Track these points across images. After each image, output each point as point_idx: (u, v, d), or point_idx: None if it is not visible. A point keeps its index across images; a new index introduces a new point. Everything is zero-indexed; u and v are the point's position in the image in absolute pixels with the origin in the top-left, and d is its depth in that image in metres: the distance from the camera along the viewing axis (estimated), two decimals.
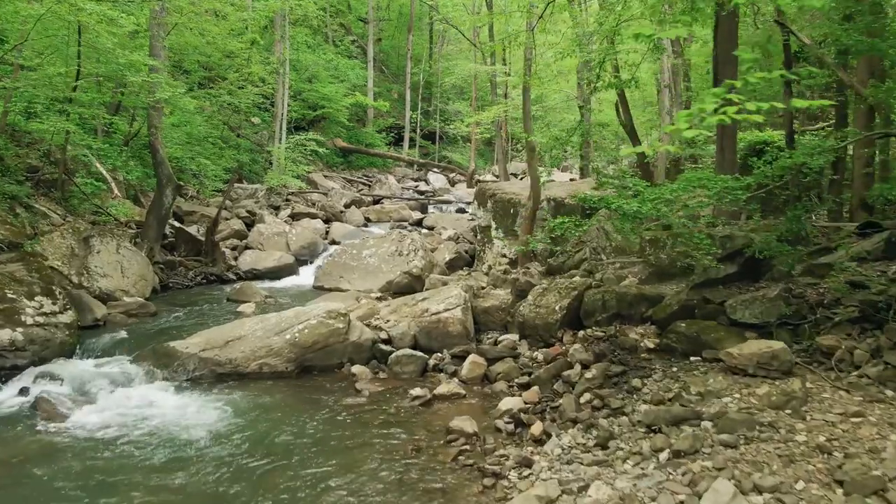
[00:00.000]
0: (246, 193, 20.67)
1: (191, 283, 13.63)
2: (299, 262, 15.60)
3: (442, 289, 9.45)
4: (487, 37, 23.76)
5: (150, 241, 13.21)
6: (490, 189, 13.94)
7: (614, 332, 7.70)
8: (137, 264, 12.00)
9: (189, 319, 10.43)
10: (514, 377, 7.35)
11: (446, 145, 36.52)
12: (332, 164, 29.40)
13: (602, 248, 10.69)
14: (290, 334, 8.11)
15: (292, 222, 17.93)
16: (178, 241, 14.49)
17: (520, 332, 8.54)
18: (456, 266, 14.19)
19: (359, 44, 36.61)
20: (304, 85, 28.62)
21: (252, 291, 11.81)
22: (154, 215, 13.34)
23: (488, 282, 11.43)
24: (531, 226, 12.01)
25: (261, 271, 14.80)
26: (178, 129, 20.36)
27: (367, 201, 22.79)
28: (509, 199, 13.28)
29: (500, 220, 13.37)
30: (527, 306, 8.48)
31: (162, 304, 11.49)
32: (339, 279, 13.14)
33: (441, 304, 8.80)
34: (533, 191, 11.81)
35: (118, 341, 9.09)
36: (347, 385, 7.73)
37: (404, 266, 12.73)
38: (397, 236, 13.46)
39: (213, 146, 22.21)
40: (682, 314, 7.30)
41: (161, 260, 13.48)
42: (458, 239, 15.29)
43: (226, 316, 10.67)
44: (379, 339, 8.56)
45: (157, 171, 13.32)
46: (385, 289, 12.53)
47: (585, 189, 13.77)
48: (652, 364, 6.63)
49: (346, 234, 17.43)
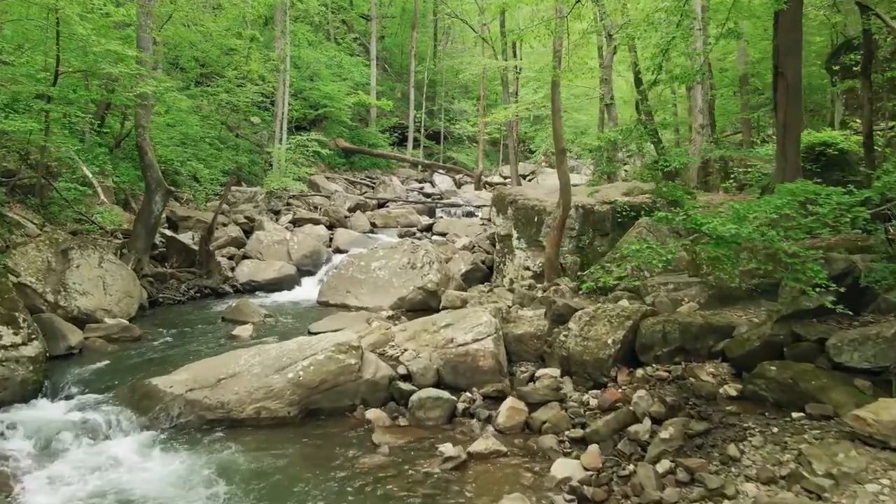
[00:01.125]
0: (244, 197, 19.29)
1: (183, 297, 12.27)
2: (301, 272, 14.27)
3: (468, 313, 8.10)
4: (497, 32, 22.46)
5: (137, 253, 11.86)
6: (510, 195, 12.59)
7: (681, 372, 6.35)
8: (122, 279, 10.64)
9: (178, 345, 9.07)
10: (563, 428, 6.00)
11: (451, 146, 35.15)
12: (334, 166, 28.05)
13: (646, 264, 9.33)
14: (294, 372, 6.76)
15: (293, 229, 16.57)
16: (169, 251, 13.13)
17: (562, 366, 7.20)
18: (472, 278, 12.84)
19: (361, 41, 35.22)
20: (306, 83, 27.26)
21: (250, 310, 10.45)
22: (142, 224, 11.98)
23: (514, 300, 10.10)
24: (559, 236, 10.69)
25: (260, 283, 13.46)
26: (172, 129, 19.03)
27: (372, 205, 21.43)
28: (533, 207, 11.93)
29: (523, 228, 12.02)
30: (571, 338, 7.13)
31: (149, 325, 10.14)
32: (345, 294, 11.79)
33: (469, 334, 7.45)
34: (562, 198, 10.47)
35: (93, 375, 7.74)
36: (362, 435, 6.38)
37: (418, 280, 11.38)
38: (409, 247, 12.11)
39: (211, 147, 20.88)
40: (767, 352, 5.96)
41: (150, 273, 12.12)
42: (473, 248, 13.95)
43: (219, 339, 9.32)
44: (397, 376, 7.21)
45: (146, 174, 11.96)
46: (397, 305, 11.19)
47: (615, 195, 12.45)
48: (742, 420, 5.29)
49: (352, 241, 16.07)
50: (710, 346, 6.66)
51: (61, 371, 7.80)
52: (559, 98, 10.28)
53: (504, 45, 19.78)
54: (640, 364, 6.83)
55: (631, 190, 12.42)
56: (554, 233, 10.64)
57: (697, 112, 13.66)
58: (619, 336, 6.79)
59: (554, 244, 10.64)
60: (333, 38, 33.35)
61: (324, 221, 17.12)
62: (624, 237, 9.85)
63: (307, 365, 6.80)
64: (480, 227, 17.68)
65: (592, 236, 11.71)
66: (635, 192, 12.39)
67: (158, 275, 12.40)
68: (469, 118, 32.99)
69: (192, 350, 8.73)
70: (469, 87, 36.36)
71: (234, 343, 9.09)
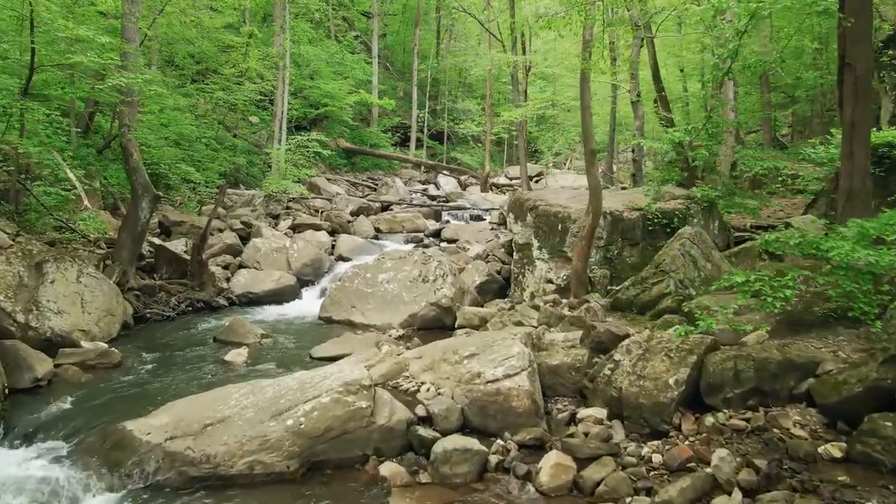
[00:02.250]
0: (242, 200, 18.12)
1: (173, 312, 11.11)
2: (302, 282, 13.11)
3: (494, 340, 6.92)
4: (506, 26, 21.29)
5: (122, 264, 10.68)
6: (530, 200, 11.42)
7: (763, 422, 5.19)
8: (103, 295, 9.46)
9: (162, 373, 7.89)
10: (623, 493, 4.83)
11: (454, 146, 33.94)
12: (335, 167, 26.87)
13: (691, 281, 8.18)
14: (293, 418, 5.59)
15: (293, 235, 15.39)
16: (158, 262, 11.96)
17: (609, 407, 6.04)
18: (487, 291, 11.68)
19: (362, 39, 34.01)
20: (306, 82, 26.09)
21: (244, 330, 9.28)
22: (128, 232, 10.80)
23: (540, 319, 8.93)
24: (589, 247, 9.52)
25: (257, 295, 12.30)
26: (166, 128, 17.85)
27: (376, 208, 20.24)
28: (555, 214, 10.77)
29: (544, 237, 10.86)
30: (622, 374, 5.97)
31: (132, 347, 8.97)
32: (350, 309, 10.62)
33: (498, 368, 6.29)
34: (592, 204, 9.31)
35: (60, 415, 6.58)
36: (376, 495, 5.23)
37: (430, 295, 10.22)
38: (420, 258, 10.94)
39: (207, 147, 19.69)
40: (872, 400, 4.82)
41: (136, 286, 10.94)
42: (487, 257, 12.78)
43: (209, 366, 8.15)
44: (415, 419, 6.04)
45: (132, 178, 10.78)
46: (407, 323, 10.03)
47: (643, 199, 11.29)
48: (862, 496, 4.13)
49: (355, 248, 14.90)
50: (792, 387, 5.51)
51: (23, 409, 6.65)
52: (589, 93, 9.11)
53: (514, 40, 18.60)
54: (707, 408, 5.67)
55: (662, 195, 11.26)
56: (582, 243, 9.48)
57: (729, 110, 12.51)
58: (682, 375, 5.63)
59: (582, 256, 9.48)
60: (334, 35, 32.13)
61: (325, 227, 15.94)
62: (664, 248, 8.69)
63: (309, 410, 5.63)
64: (492, 233, 16.52)
65: (621, 246, 10.56)
66: (666, 196, 11.24)
67: (146, 288, 11.22)
68: (473, 117, 31.81)
69: (177, 381, 7.56)
70: (473, 86, 35.18)
71: (226, 370, 7.94)
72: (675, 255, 8.24)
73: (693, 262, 8.29)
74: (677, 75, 21.47)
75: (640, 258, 10.61)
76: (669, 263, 8.23)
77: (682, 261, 8.19)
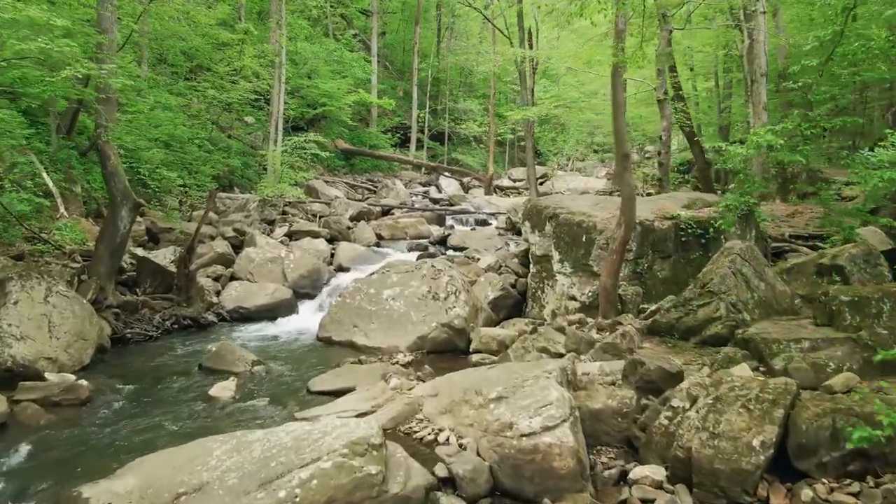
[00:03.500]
0: (235, 204, 16.93)
1: (157, 331, 9.98)
2: (299, 294, 11.99)
3: (525, 378, 5.79)
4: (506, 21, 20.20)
5: (99, 279, 9.54)
6: (549, 207, 10.30)
7: (882, 500, 4.08)
8: (74, 317, 8.31)
9: (134, 413, 6.74)
10: None
11: (455, 147, 32.78)
12: (333, 168, 25.70)
13: (744, 303, 7.06)
14: (287, 489, 4.46)
15: (289, 243, 14.25)
16: (141, 275, 10.81)
17: (669, 466, 4.92)
18: (502, 306, 10.55)
19: (361, 38, 32.84)
20: (303, 81, 24.91)
21: (233, 356, 8.13)
22: (106, 244, 9.66)
23: (566, 344, 7.83)
24: (619, 262, 8.41)
25: (250, 310, 11.18)
26: (156, 129, 16.70)
27: (376, 212, 19.08)
28: (579, 223, 9.64)
29: (566, 249, 9.74)
30: (691, 431, 4.84)
31: (105, 376, 7.85)
32: (352, 329, 9.49)
33: (535, 419, 5.16)
34: (624, 215, 8.19)
35: (7, 471, 5.45)
36: None
37: (441, 315, 9.09)
38: (429, 271, 9.80)
39: (200, 149, 18.53)
40: None
41: (115, 303, 9.80)
42: (500, 268, 11.65)
43: (191, 404, 7.00)
44: (436, 482, 4.92)
45: (109, 184, 9.64)
46: (416, 346, 8.91)
47: (674, 207, 10.18)
48: None
49: (356, 256, 13.77)
50: None
51: None
52: (622, 90, 7.99)
53: (522, 34, 17.47)
54: (797, 473, 4.55)
55: (693, 202, 10.17)
56: (612, 257, 8.37)
57: (762, 109, 11.40)
58: (769, 435, 4.50)
59: (612, 272, 8.37)
60: (332, 34, 30.95)
61: (323, 234, 14.79)
62: (710, 266, 7.57)
63: (307, 478, 4.49)
64: (500, 239, 15.41)
65: (652, 259, 9.45)
66: (698, 203, 10.14)
67: (127, 305, 10.07)
68: (475, 118, 30.66)
69: (152, 424, 6.42)
70: (474, 86, 34.03)
71: (211, 410, 6.79)
72: (724, 274, 7.13)
73: (745, 282, 7.18)
74: (685, 74, 20.39)
75: (671, 272, 9.52)
76: (719, 283, 7.11)
77: (734, 280, 7.08)
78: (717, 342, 7.04)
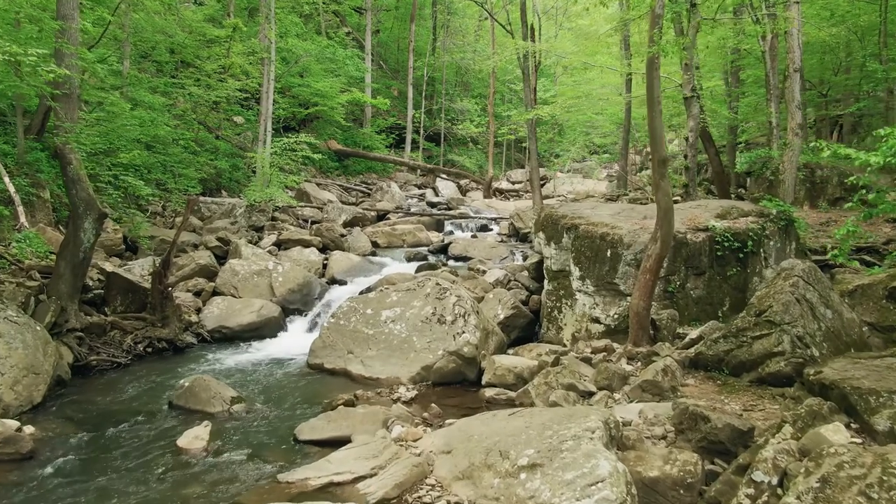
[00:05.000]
0: (221, 210, 15.71)
1: (127, 356, 8.79)
2: (287, 311, 10.84)
3: (564, 439, 4.62)
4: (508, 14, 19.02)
5: (60, 299, 8.31)
6: (566, 217, 9.12)
7: None
8: (25, 347, 7.08)
9: (83, 471, 5.52)
10: None
11: (452, 148, 31.55)
12: (326, 170, 24.48)
13: (811, 336, 5.90)
14: None
15: (278, 252, 13.03)
16: (110, 292, 9.57)
17: None
18: (513, 326, 9.39)
19: (354, 36, 31.55)
20: (295, 79, 23.65)
21: (209, 394, 6.91)
22: (67, 260, 8.42)
23: (596, 379, 6.66)
24: (654, 282, 7.25)
25: (233, 330, 10.01)
26: (139, 129, 15.42)
27: (371, 217, 17.88)
28: (602, 235, 8.47)
29: (588, 265, 8.56)
30: None
31: (57, 421, 6.63)
32: (346, 356, 8.29)
33: (584, 501, 3.98)
34: (662, 228, 7.03)
35: None
36: None
37: (449, 341, 7.89)
38: (433, 289, 8.59)
39: (185, 150, 17.27)
40: None
41: (79, 325, 8.56)
42: (509, 283, 10.47)
43: (154, 459, 5.77)
44: None
45: (70, 193, 8.40)
46: (420, 377, 7.72)
47: (706, 216, 9.03)
48: None
49: (351, 268, 12.56)
50: None
51: None
52: (658, 84, 6.81)
53: (525, 30, 16.29)
54: None
55: (728, 211, 9.02)
56: (646, 276, 7.20)
57: (795, 108, 10.27)
58: None
59: (645, 292, 7.20)
60: (324, 31, 29.66)
61: (315, 243, 13.56)
62: (766, 289, 6.40)
63: None
64: (504, 246, 14.24)
65: (684, 276, 8.30)
66: (734, 212, 9.00)
67: (93, 327, 8.84)
68: (472, 118, 29.45)
69: (102, 488, 5.20)
70: (471, 85, 32.82)
71: (177, 468, 5.57)
72: (788, 302, 5.97)
73: (811, 310, 6.03)
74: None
75: (706, 291, 8.39)
76: (781, 313, 5.95)
77: (799, 309, 5.91)
78: (778, 381, 5.90)
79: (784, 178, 10.30)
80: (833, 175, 12.08)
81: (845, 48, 18.06)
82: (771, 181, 12.67)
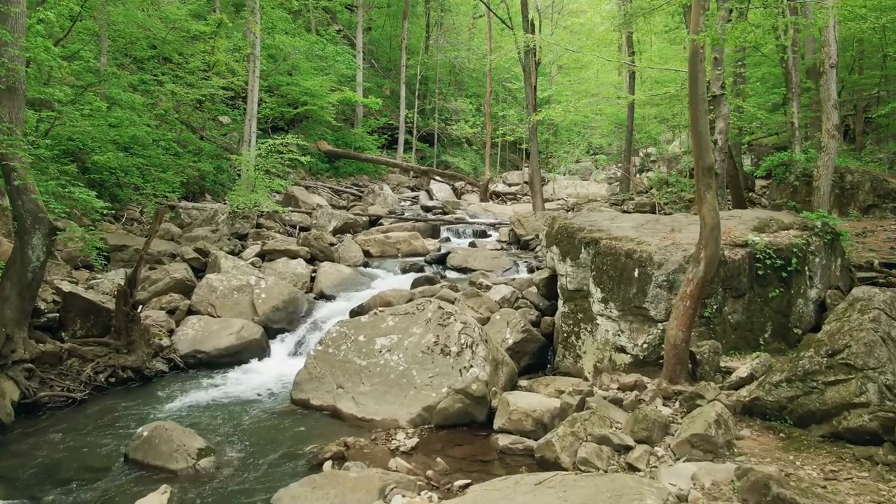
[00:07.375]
0: (202, 216, 14.48)
1: (85, 389, 7.64)
2: (271, 331, 9.67)
3: None
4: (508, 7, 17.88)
5: (6, 326, 7.10)
6: (583, 230, 7.99)
7: None
8: None
9: None
10: None
11: (445, 149, 30.35)
12: (315, 172, 23.23)
13: None
14: None
15: (262, 264, 11.82)
16: (67, 315, 8.34)
17: None
18: (524, 352, 8.25)
19: (345, 33, 30.30)
20: (283, 77, 22.40)
21: (171, 447, 5.71)
22: (13, 281, 7.20)
23: (634, 432, 5.51)
24: (695, 308, 6.12)
25: (210, 355, 8.85)
26: (115, 129, 14.20)
27: (363, 223, 16.69)
28: (628, 252, 7.33)
29: (612, 286, 7.42)
30: None
31: None
32: (335, 391, 7.11)
33: None
34: (706, 248, 5.92)
35: None
36: None
37: (455, 376, 6.73)
38: (434, 314, 7.43)
39: (166, 152, 16.03)
40: None
41: (29, 355, 7.34)
42: (516, 301, 9.32)
43: None
44: None
45: (15, 205, 7.18)
46: (422, 420, 6.55)
47: (741, 230, 7.91)
48: None
49: (341, 281, 11.37)
50: None
51: None
52: (703, 79, 5.69)
53: (526, 25, 15.17)
54: None
55: (766, 223, 7.91)
56: (685, 303, 6.08)
57: (831, 107, 9.18)
58: None
59: (685, 322, 6.08)
60: (314, 29, 28.40)
61: (302, 253, 12.35)
62: (839, 323, 5.28)
63: None
64: (507, 256, 13.09)
65: (722, 299, 7.18)
66: (772, 225, 7.89)
67: (45, 356, 7.64)
68: (467, 118, 28.28)
69: None
70: (466, 84, 31.65)
71: None
72: (872, 342, 4.85)
73: None
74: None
75: (745, 316, 7.29)
76: (864, 355, 4.84)
77: (887, 352, 4.80)
78: (860, 439, 4.81)
79: (819, 185, 9.21)
80: (865, 180, 11.03)
81: (858, 45, 17.05)
82: (795, 186, 11.59)
